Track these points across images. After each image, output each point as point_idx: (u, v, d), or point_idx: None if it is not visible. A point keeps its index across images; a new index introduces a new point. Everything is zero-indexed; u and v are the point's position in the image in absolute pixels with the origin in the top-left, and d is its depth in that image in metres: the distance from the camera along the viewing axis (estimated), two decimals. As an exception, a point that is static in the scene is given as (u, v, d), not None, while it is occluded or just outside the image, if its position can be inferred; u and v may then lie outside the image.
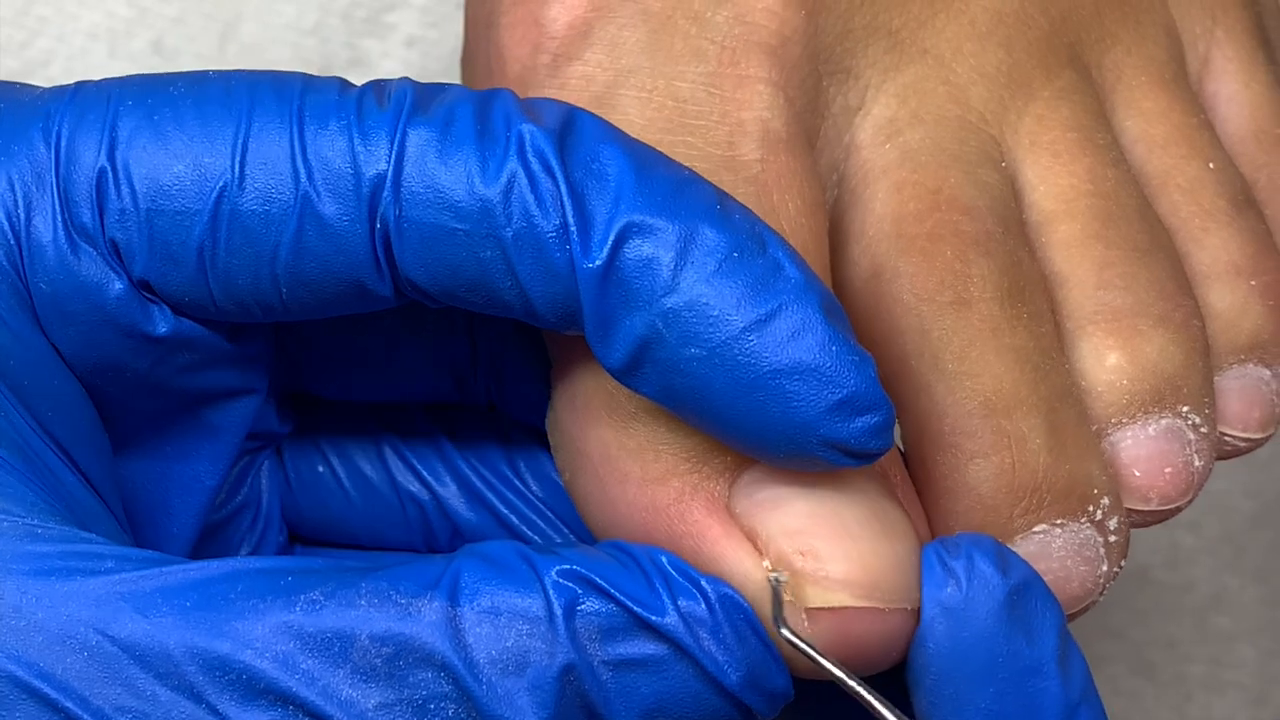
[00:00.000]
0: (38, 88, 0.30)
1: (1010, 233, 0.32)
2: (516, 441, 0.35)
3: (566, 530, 0.35)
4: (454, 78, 0.35)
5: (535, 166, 0.28)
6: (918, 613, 0.28)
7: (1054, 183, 0.33)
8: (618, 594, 0.27)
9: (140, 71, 0.45)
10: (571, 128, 0.28)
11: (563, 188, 0.28)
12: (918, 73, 0.33)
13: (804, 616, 0.28)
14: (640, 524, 0.29)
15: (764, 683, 0.28)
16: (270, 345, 0.32)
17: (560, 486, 0.34)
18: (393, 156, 0.28)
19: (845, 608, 0.28)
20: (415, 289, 0.29)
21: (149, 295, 0.29)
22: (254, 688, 0.26)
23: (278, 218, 0.28)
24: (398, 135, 0.28)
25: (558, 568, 0.27)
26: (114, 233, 0.29)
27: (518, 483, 0.34)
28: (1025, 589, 0.28)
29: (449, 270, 0.28)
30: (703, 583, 0.27)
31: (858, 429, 0.28)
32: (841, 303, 0.30)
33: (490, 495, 0.34)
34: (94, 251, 0.29)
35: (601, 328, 0.28)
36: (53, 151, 0.29)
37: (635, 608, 0.27)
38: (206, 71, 0.29)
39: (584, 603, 0.27)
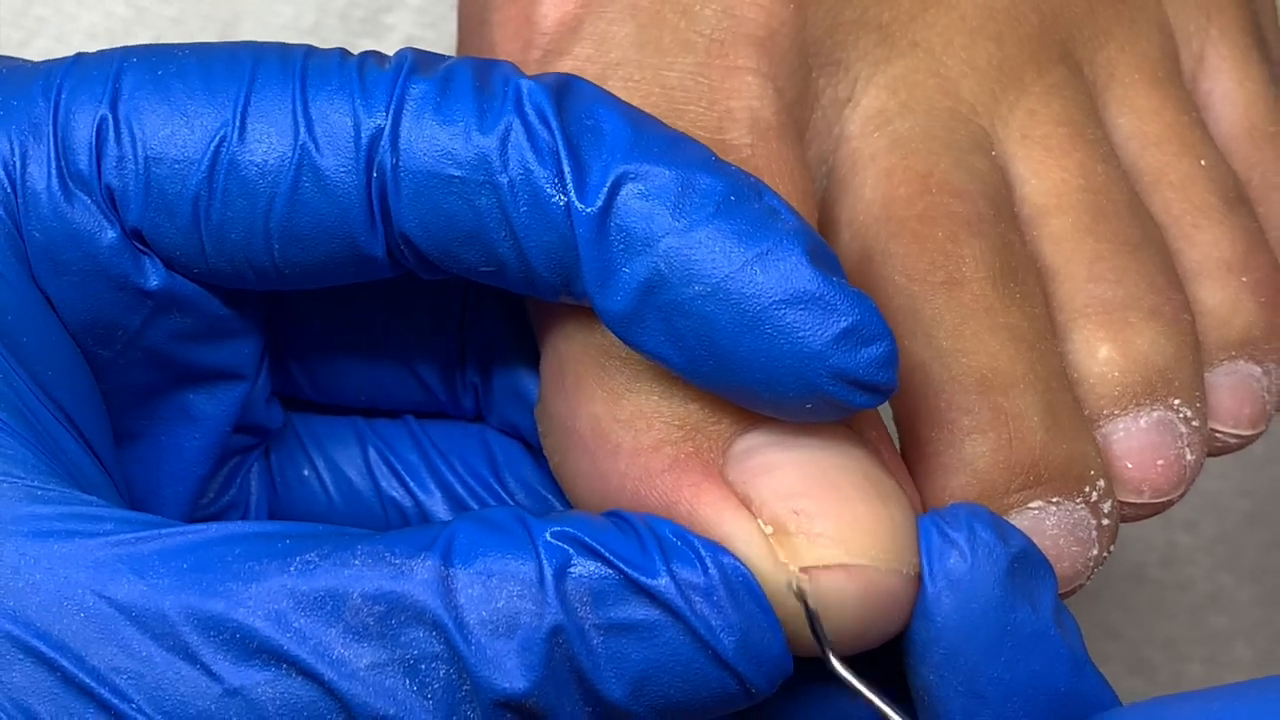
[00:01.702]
0: (39, 62, 0.30)
1: (1001, 216, 0.33)
2: (500, 451, 0.35)
3: None
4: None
5: (532, 118, 0.28)
6: (913, 579, 0.28)
7: (1045, 177, 0.33)
8: (611, 556, 0.27)
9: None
10: (568, 88, 0.29)
11: (558, 137, 0.28)
12: (908, 65, 0.33)
13: (802, 576, 0.28)
14: (633, 494, 0.29)
15: (760, 652, 0.27)
16: (262, 331, 0.33)
17: (544, 496, 0.34)
18: (391, 110, 0.28)
19: (840, 565, 0.28)
20: (410, 246, 0.29)
21: (142, 246, 0.29)
22: (247, 647, 0.26)
23: (275, 169, 0.29)
24: (397, 90, 0.28)
25: (551, 529, 0.27)
26: (110, 179, 0.29)
27: (501, 492, 0.35)
28: (1025, 557, 0.28)
29: (444, 221, 0.29)
30: (700, 548, 0.27)
31: (865, 359, 0.28)
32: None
33: (473, 504, 0.35)
34: (88, 199, 0.29)
35: (602, 276, 0.28)
36: (51, 105, 0.29)
37: (628, 569, 0.27)
38: (211, 43, 0.30)
39: (576, 564, 0.27)
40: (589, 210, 0.28)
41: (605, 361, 0.30)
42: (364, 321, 0.34)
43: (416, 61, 0.29)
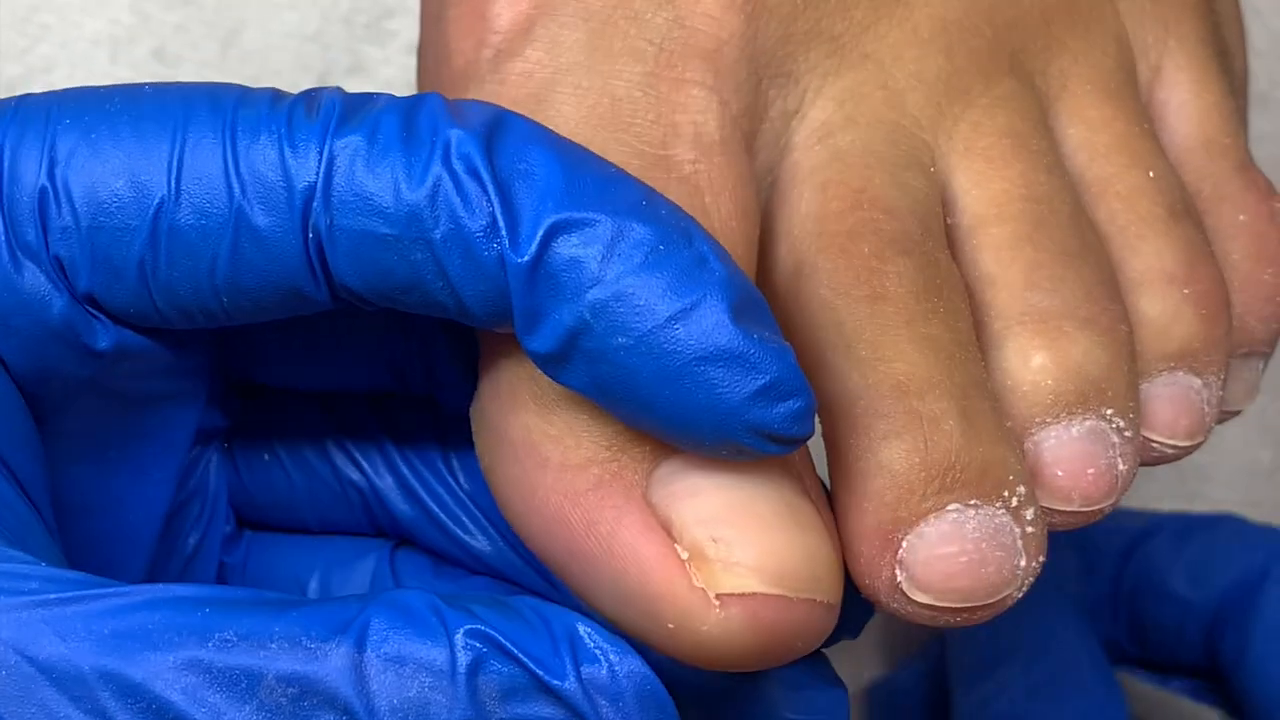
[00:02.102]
0: None
1: (930, 235, 0.33)
2: (452, 435, 0.35)
3: (489, 526, 0.35)
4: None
5: (460, 169, 0.28)
6: (828, 607, 0.29)
7: (986, 187, 0.33)
8: (522, 656, 0.27)
9: (143, 78, 0.45)
10: (499, 129, 0.29)
11: (490, 188, 0.28)
12: (857, 78, 0.34)
13: (716, 601, 0.28)
14: (557, 509, 0.30)
15: None
16: (210, 351, 0.33)
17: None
18: (321, 167, 0.29)
19: (754, 594, 0.28)
20: (350, 293, 0.29)
21: (92, 310, 0.30)
22: (163, 717, 0.26)
23: (214, 231, 0.29)
24: (326, 146, 0.29)
25: (467, 626, 0.27)
26: (58, 249, 0.29)
27: (450, 478, 0.35)
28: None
29: (381, 275, 0.29)
30: (609, 652, 0.27)
31: (780, 414, 0.28)
32: (767, 301, 0.30)
33: (422, 491, 0.35)
34: (38, 268, 0.29)
35: (530, 320, 0.28)
36: None
37: (537, 670, 0.27)
38: (143, 86, 0.30)
39: (489, 662, 0.27)
40: (521, 260, 0.28)
41: (538, 375, 0.30)
42: (314, 322, 0.34)
43: (345, 110, 0.29)
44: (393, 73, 0.47)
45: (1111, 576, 0.45)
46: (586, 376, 0.29)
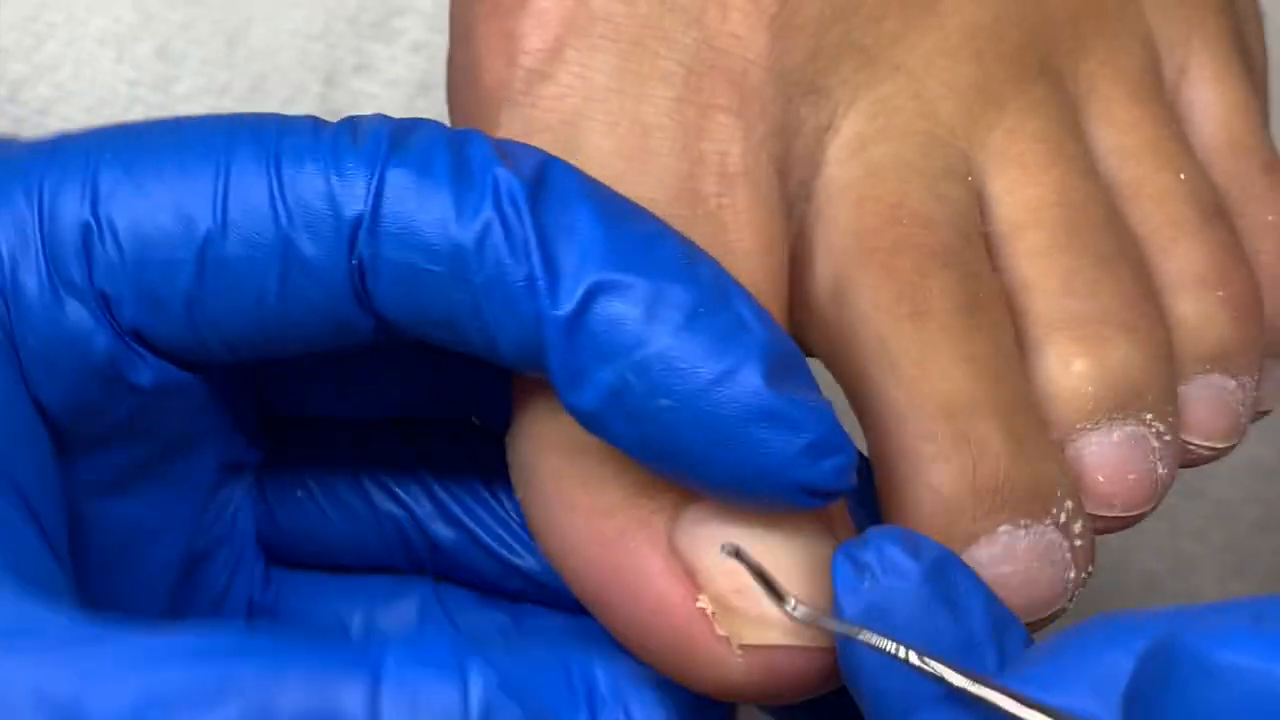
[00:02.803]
0: (14, 142, 0.30)
1: (970, 246, 0.33)
2: (491, 461, 0.35)
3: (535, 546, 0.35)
4: (459, 83, 0.36)
5: (510, 214, 0.28)
6: None
7: (1021, 194, 0.33)
8: (536, 704, 0.27)
9: (148, 77, 0.45)
10: (546, 179, 0.29)
11: (532, 240, 0.28)
12: (888, 89, 0.33)
13: (738, 652, 0.29)
14: (586, 553, 0.30)
15: None
16: (240, 386, 0.33)
17: None
18: (370, 196, 0.29)
19: (776, 646, 0.29)
20: (386, 324, 0.30)
21: (136, 346, 0.30)
22: None
23: (262, 261, 0.29)
24: (376, 174, 0.29)
25: (481, 671, 0.27)
26: (102, 285, 0.29)
27: (492, 501, 0.35)
28: (941, 567, 0.29)
29: (418, 308, 0.29)
30: (630, 706, 0.27)
31: (825, 471, 0.29)
32: (806, 317, 0.31)
33: (463, 514, 0.35)
34: (81, 305, 0.29)
35: (571, 378, 0.29)
36: (35, 209, 0.29)
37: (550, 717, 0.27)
38: (180, 118, 0.30)
39: (498, 713, 0.26)
40: (559, 314, 0.28)
41: (568, 419, 0.30)
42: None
43: (393, 137, 0.29)
44: (399, 71, 0.47)
45: None
46: (628, 434, 0.29)
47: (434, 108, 0.46)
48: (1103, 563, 0.51)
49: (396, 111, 0.46)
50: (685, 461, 0.29)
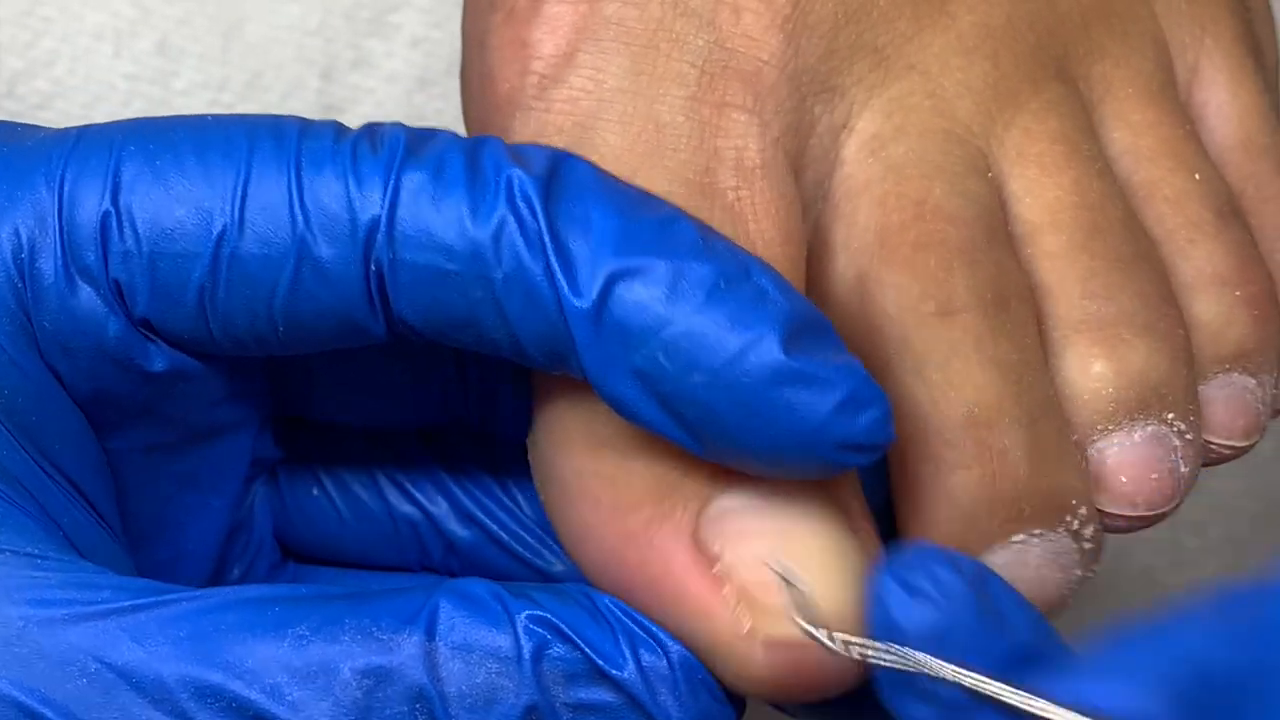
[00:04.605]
0: (40, 129, 0.31)
1: (995, 241, 0.33)
2: (506, 461, 0.35)
3: (555, 546, 0.35)
4: (456, 77, 0.36)
5: (524, 211, 0.29)
6: None
7: (1040, 195, 0.33)
8: (582, 643, 0.28)
9: (146, 72, 0.45)
10: (558, 174, 0.29)
11: (545, 233, 0.29)
12: (904, 88, 0.34)
13: (760, 646, 0.29)
14: (611, 549, 0.30)
15: None
16: (264, 378, 0.33)
17: None
18: (386, 201, 0.29)
19: (799, 641, 0.29)
20: (406, 327, 0.30)
21: (148, 333, 0.30)
22: (244, 715, 0.27)
23: (276, 260, 0.29)
24: (392, 180, 0.29)
25: (528, 612, 0.28)
26: (117, 273, 0.30)
27: (508, 501, 0.35)
28: (982, 581, 0.29)
29: (439, 309, 0.29)
30: (664, 641, 0.29)
31: (863, 425, 0.28)
32: (826, 316, 0.31)
33: (481, 514, 0.35)
34: (95, 291, 0.30)
35: (603, 368, 0.29)
36: (56, 196, 0.30)
37: (596, 658, 0.28)
38: (205, 116, 0.30)
39: (551, 647, 0.28)
40: (582, 305, 0.29)
41: (590, 416, 0.31)
42: (362, 354, 0.34)
43: (409, 145, 0.30)
44: (397, 66, 0.47)
45: None
46: (666, 417, 0.29)
47: (432, 103, 0.46)
48: (1103, 556, 0.51)
49: (395, 107, 0.46)
50: (724, 437, 0.29)
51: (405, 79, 0.47)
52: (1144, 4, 0.36)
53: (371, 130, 0.30)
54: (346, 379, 0.34)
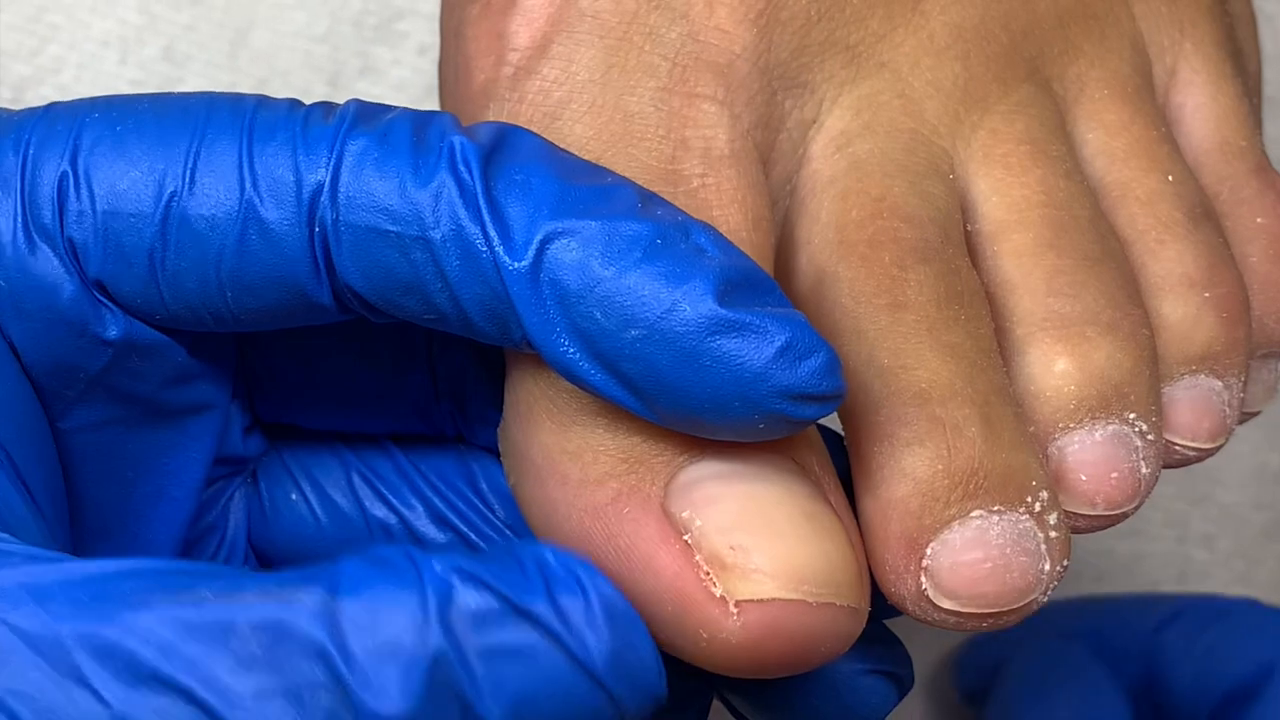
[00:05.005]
0: (16, 111, 0.31)
1: (950, 242, 0.33)
2: (480, 467, 0.35)
3: None
4: (462, 86, 0.36)
5: (463, 173, 0.29)
6: (851, 610, 0.29)
7: (1006, 193, 0.33)
8: (494, 583, 0.27)
9: (152, 79, 0.45)
10: (503, 142, 0.30)
11: (482, 196, 0.29)
12: (873, 86, 0.34)
13: (734, 609, 0.28)
14: (579, 525, 0.30)
15: (634, 674, 0.27)
16: (231, 369, 0.33)
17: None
18: (331, 164, 0.29)
19: (773, 600, 0.28)
20: (354, 295, 0.30)
21: (102, 297, 0.30)
22: (138, 674, 0.26)
23: (223, 222, 0.29)
24: (337, 145, 0.29)
25: (437, 563, 0.27)
26: (72, 232, 0.30)
27: (481, 506, 0.35)
28: None
29: (383, 273, 0.29)
30: (582, 576, 0.27)
31: (806, 372, 0.28)
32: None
33: (454, 518, 0.35)
34: (51, 251, 0.30)
35: (543, 329, 0.29)
36: (20, 158, 0.30)
37: (510, 595, 0.27)
38: (171, 93, 0.31)
39: (459, 593, 0.27)
40: (517, 266, 0.29)
41: (555, 393, 0.31)
42: (333, 359, 0.34)
43: (359, 114, 0.30)
44: (404, 74, 0.47)
45: (1130, 671, 0.45)
46: (611, 378, 0.29)
47: (438, 110, 0.46)
48: (1110, 570, 0.51)
49: (401, 114, 0.46)
50: (666, 394, 0.29)
51: (412, 86, 0.47)
52: (1123, 6, 0.36)
53: (327, 105, 0.30)
54: (317, 384, 0.35)
